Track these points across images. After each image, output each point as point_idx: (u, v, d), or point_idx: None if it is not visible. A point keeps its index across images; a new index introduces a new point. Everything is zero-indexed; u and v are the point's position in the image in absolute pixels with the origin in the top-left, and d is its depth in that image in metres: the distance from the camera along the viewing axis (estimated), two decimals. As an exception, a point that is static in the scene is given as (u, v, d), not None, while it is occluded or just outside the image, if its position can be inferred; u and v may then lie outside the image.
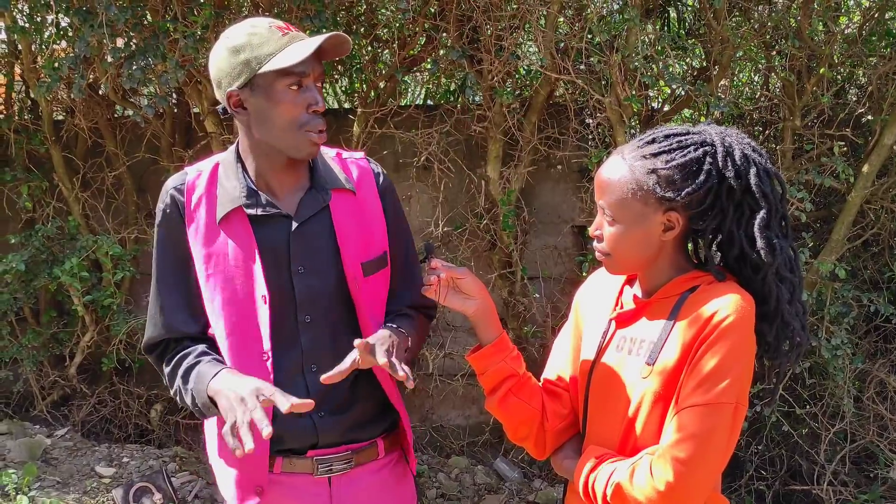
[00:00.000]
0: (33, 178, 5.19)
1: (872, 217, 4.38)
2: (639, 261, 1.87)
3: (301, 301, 2.11)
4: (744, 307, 1.74)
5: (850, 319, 4.25)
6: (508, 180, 4.60)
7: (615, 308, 1.98)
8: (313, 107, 2.01)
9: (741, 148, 1.80)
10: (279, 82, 1.97)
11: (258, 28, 2.00)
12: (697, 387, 1.72)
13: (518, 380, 2.00)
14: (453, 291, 1.98)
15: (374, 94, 4.81)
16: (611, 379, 1.91)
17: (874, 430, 4.40)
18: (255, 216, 2.08)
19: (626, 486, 1.77)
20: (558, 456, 2.04)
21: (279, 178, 2.11)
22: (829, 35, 4.25)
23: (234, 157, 2.13)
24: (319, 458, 2.15)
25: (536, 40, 4.14)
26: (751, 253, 1.79)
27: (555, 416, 2.03)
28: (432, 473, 4.80)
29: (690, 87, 4.14)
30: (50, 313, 5.36)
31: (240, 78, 1.98)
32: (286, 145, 2.04)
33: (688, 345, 1.76)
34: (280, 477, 2.15)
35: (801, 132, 4.35)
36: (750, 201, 1.79)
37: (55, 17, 4.44)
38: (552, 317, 4.78)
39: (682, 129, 1.85)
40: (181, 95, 4.99)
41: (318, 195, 2.12)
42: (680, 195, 1.76)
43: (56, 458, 4.88)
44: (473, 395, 5.05)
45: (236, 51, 1.98)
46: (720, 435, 1.72)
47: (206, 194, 2.12)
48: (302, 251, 2.10)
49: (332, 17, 4.23)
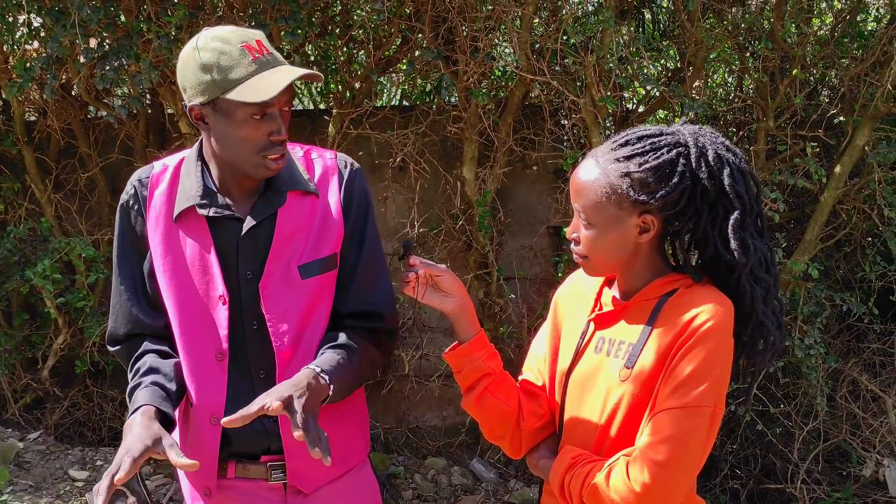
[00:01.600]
0: (5, 179, 5.13)
1: (845, 217, 4.41)
2: (615, 263, 1.87)
3: (246, 306, 2.09)
4: (722, 312, 1.75)
5: (822, 319, 4.28)
6: (484, 181, 4.61)
7: (594, 309, 1.98)
8: (275, 135, 1.97)
9: (715, 148, 1.80)
10: (241, 110, 1.94)
11: (229, 47, 1.94)
12: (675, 390, 1.73)
13: (495, 378, 1.99)
14: (431, 289, 1.98)
15: (350, 94, 4.80)
16: (589, 380, 1.91)
17: (847, 429, 4.44)
18: (209, 217, 2.06)
19: (602, 488, 1.77)
20: (534, 456, 2.04)
21: (239, 181, 2.08)
22: (802, 37, 4.28)
23: (196, 156, 2.11)
24: (273, 464, 2.12)
25: (512, 41, 4.14)
26: (725, 253, 1.79)
27: (531, 416, 2.03)
28: (408, 474, 4.80)
29: (665, 89, 4.15)
30: (22, 316, 5.31)
31: (203, 96, 1.95)
32: (242, 166, 2.01)
33: (666, 348, 1.76)
34: (233, 482, 2.14)
35: (775, 133, 4.38)
36: (724, 202, 1.79)
37: (27, 17, 4.40)
38: (528, 317, 4.78)
39: (656, 130, 1.85)
40: (155, 96, 4.95)
41: (272, 198, 2.09)
42: (654, 198, 1.76)
43: (29, 461, 4.83)
44: (449, 396, 5.05)
45: (204, 68, 1.93)
46: (697, 438, 1.73)
47: (167, 190, 2.11)
48: (250, 256, 2.07)
49: (308, 17, 4.22)
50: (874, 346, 4.53)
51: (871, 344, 4.54)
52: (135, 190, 2.13)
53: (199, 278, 2.07)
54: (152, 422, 1.93)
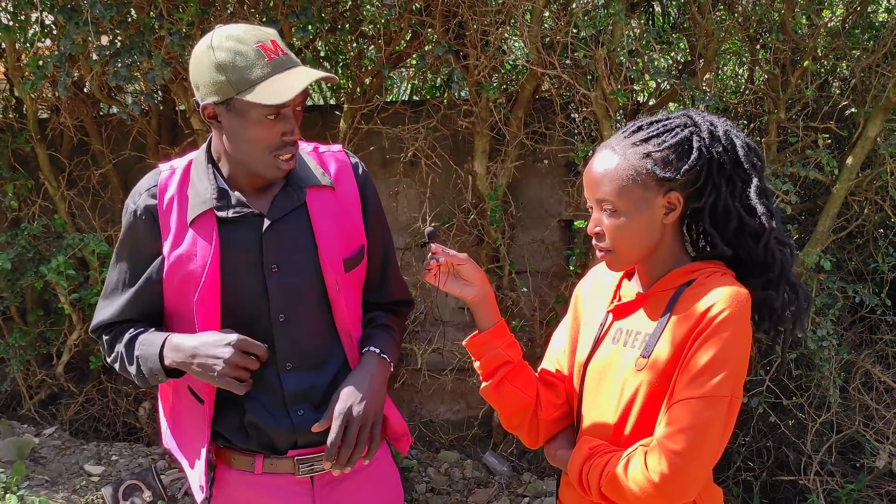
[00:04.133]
0: (18, 176, 5.16)
1: (857, 209, 4.41)
2: (642, 251, 1.87)
3: (275, 300, 2.10)
4: (740, 301, 1.75)
5: (835, 311, 4.28)
6: (495, 175, 4.61)
7: (613, 300, 1.99)
8: (287, 136, 1.99)
9: (721, 125, 1.85)
10: (256, 111, 1.94)
11: (245, 47, 1.94)
12: (693, 380, 1.73)
13: (514, 367, 2.01)
14: (452, 277, 1.99)
15: (361, 90, 4.81)
16: (606, 370, 1.92)
17: (860, 420, 4.43)
18: (227, 218, 2.07)
19: (620, 477, 1.78)
20: (552, 446, 2.05)
21: (252, 179, 2.09)
22: (813, 28, 4.27)
23: (206, 158, 2.12)
24: (300, 458, 2.14)
25: (522, 35, 4.15)
26: (751, 222, 1.82)
27: (549, 406, 2.04)
28: (421, 468, 4.81)
29: (675, 81, 4.15)
30: (37, 312, 5.35)
31: (217, 95, 1.95)
32: (254, 166, 2.02)
33: (684, 337, 1.77)
34: (262, 478, 2.15)
35: (786, 125, 4.38)
36: (740, 173, 1.83)
37: (40, 14, 4.42)
38: (540, 311, 4.79)
39: (664, 116, 1.89)
40: (167, 93, 4.98)
41: (292, 193, 2.10)
42: (679, 174, 1.79)
43: (44, 457, 4.87)
44: (462, 390, 5.06)
45: (219, 68, 1.93)
46: (715, 428, 1.73)
47: (177, 194, 2.11)
48: (276, 250, 2.08)
49: (318, 13, 4.22)
50: (887, 337, 4.52)
51: (883, 335, 4.54)
52: (145, 203, 2.12)
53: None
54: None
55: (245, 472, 2.16)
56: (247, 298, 2.09)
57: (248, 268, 2.08)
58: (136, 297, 2.15)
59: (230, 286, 2.09)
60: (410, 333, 4.95)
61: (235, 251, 2.07)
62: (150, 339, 2.10)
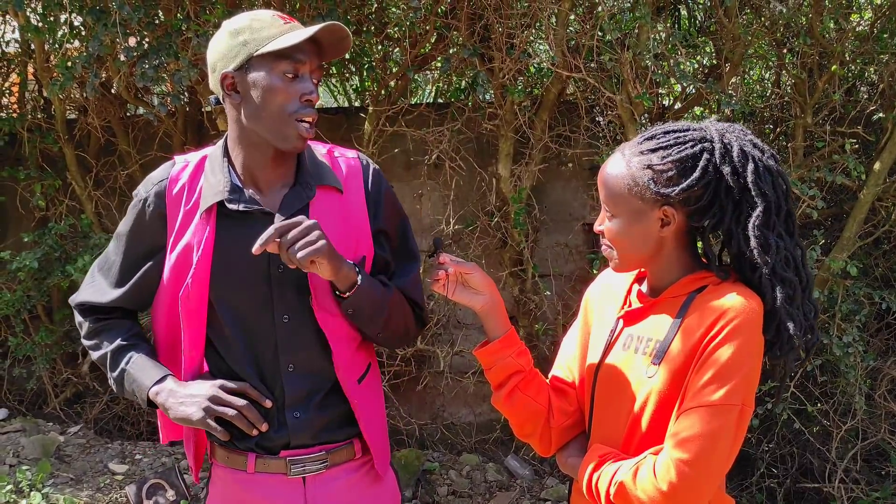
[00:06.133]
0: (46, 176, 5.21)
1: (884, 214, 4.38)
2: (640, 257, 1.86)
3: (278, 301, 2.08)
4: (751, 309, 1.73)
5: (861, 317, 4.25)
6: (519, 178, 4.61)
7: (623, 306, 1.97)
8: (306, 96, 1.98)
9: (740, 145, 1.78)
10: (276, 67, 1.95)
11: (261, 15, 1.99)
12: (703, 387, 1.71)
13: (525, 376, 2.00)
14: (461, 286, 1.98)
15: (385, 92, 4.82)
16: (616, 377, 1.90)
17: (886, 428, 4.40)
18: (237, 212, 2.04)
19: (629, 486, 1.76)
20: (563, 454, 2.04)
21: (265, 172, 2.07)
22: (841, 32, 4.24)
23: (221, 152, 2.10)
24: (292, 459, 2.13)
25: (547, 38, 4.15)
26: (747, 251, 1.77)
27: (561, 414, 2.03)
28: (443, 471, 4.82)
29: (701, 85, 4.14)
30: (63, 311, 5.38)
31: (236, 59, 1.96)
32: (274, 134, 2.00)
33: (694, 345, 1.75)
34: (254, 476, 2.14)
35: (813, 130, 4.35)
36: (749, 199, 1.77)
37: (68, 16, 4.46)
38: (563, 314, 4.78)
39: (683, 126, 1.84)
40: (193, 94, 5.01)
41: (301, 191, 2.07)
42: (675, 191, 1.76)
43: (69, 455, 4.90)
44: (484, 393, 5.06)
45: (236, 33, 1.97)
46: (725, 436, 1.70)
47: (188, 186, 2.10)
48: None
49: (343, 15, 4.24)
50: (914, 344, 4.49)
51: (910, 342, 4.50)
52: (156, 193, 2.12)
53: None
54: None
55: (238, 470, 2.16)
56: (251, 297, 2.08)
57: (254, 267, 2.06)
58: (131, 290, 2.16)
59: (235, 284, 2.07)
60: (433, 336, 4.95)
61: (243, 249, 2.03)
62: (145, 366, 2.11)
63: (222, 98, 2.05)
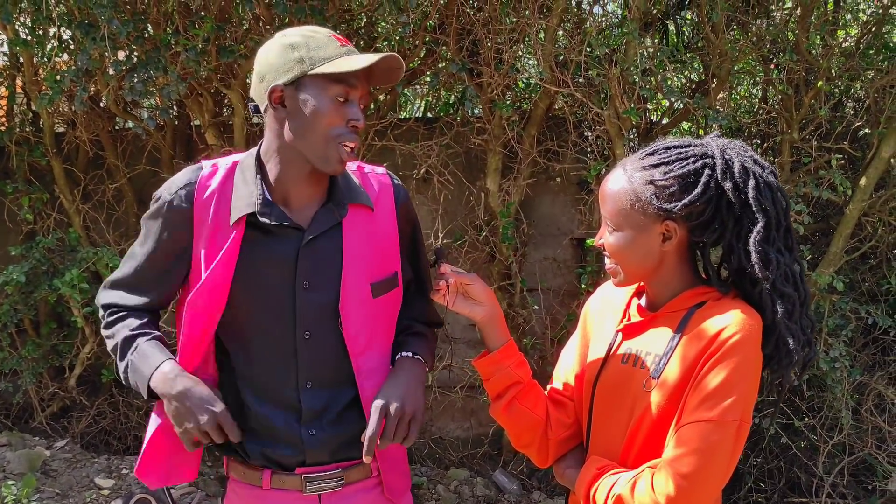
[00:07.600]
0: (34, 189, 5.19)
1: (870, 230, 4.40)
2: (641, 271, 1.87)
3: (301, 317, 2.07)
4: (750, 325, 1.74)
5: (848, 332, 4.26)
6: (508, 192, 4.62)
7: (623, 320, 1.99)
8: (353, 122, 1.97)
9: (742, 161, 1.80)
10: (329, 89, 1.94)
11: (318, 33, 1.98)
12: (702, 402, 1.72)
13: (523, 387, 2.01)
14: (461, 297, 2.00)
15: (374, 106, 4.83)
16: (615, 390, 1.91)
17: (872, 443, 4.41)
18: (267, 226, 2.03)
19: (626, 499, 1.77)
20: (561, 465, 2.05)
21: (298, 188, 2.05)
22: (827, 49, 4.27)
23: (255, 162, 2.08)
24: (308, 476, 2.12)
25: (536, 53, 4.16)
26: (747, 266, 1.79)
27: (559, 425, 2.04)
28: (431, 485, 4.80)
29: (689, 101, 4.16)
30: (50, 325, 5.37)
31: (288, 74, 1.94)
32: (315, 155, 1.99)
33: (693, 360, 1.76)
34: (269, 493, 2.13)
35: (799, 145, 4.38)
36: (749, 215, 1.79)
37: (57, 29, 4.46)
38: (551, 329, 4.79)
39: (685, 142, 1.86)
40: (182, 108, 5.01)
41: (333, 209, 2.07)
42: (677, 206, 1.77)
43: (55, 469, 4.87)
44: (472, 407, 5.06)
45: (291, 47, 1.95)
46: (723, 451, 1.72)
47: (218, 193, 2.07)
48: (309, 266, 2.05)
49: (333, 29, 4.24)
50: (900, 359, 4.50)
51: (896, 357, 4.51)
52: (187, 192, 2.08)
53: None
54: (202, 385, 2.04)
55: (253, 486, 2.15)
56: (274, 313, 2.07)
57: (279, 281, 2.05)
58: (157, 294, 2.16)
59: (257, 296, 2.06)
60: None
61: (269, 263, 2.04)
62: (148, 353, 2.08)
63: (264, 109, 2.03)
